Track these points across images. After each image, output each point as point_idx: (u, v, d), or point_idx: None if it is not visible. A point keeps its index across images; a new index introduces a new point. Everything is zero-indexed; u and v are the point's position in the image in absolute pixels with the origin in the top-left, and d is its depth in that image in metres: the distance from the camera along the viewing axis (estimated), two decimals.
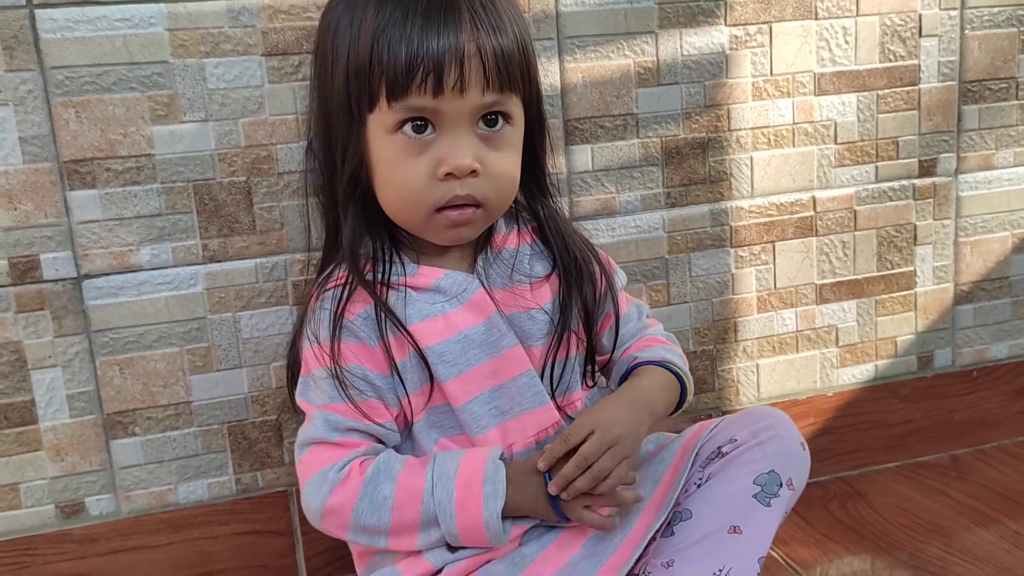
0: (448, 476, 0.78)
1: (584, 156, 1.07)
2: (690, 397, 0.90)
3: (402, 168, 0.79)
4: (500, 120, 0.80)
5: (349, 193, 0.83)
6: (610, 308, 0.90)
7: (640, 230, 1.10)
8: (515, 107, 0.81)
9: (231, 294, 0.98)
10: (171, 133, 0.94)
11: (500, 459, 0.80)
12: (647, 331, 0.95)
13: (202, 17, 0.92)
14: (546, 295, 0.87)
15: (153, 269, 0.96)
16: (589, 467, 0.78)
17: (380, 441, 0.83)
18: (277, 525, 1.04)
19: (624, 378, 0.89)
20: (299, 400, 0.84)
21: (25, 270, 0.93)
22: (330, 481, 0.80)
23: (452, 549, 0.82)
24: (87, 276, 0.94)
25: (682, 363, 0.90)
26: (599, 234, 1.08)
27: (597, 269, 0.89)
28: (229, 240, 0.97)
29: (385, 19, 0.76)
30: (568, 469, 0.77)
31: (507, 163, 0.81)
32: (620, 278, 0.94)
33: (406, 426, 0.84)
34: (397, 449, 0.84)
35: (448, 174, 0.78)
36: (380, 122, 0.78)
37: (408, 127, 0.77)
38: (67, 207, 0.93)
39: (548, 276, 0.87)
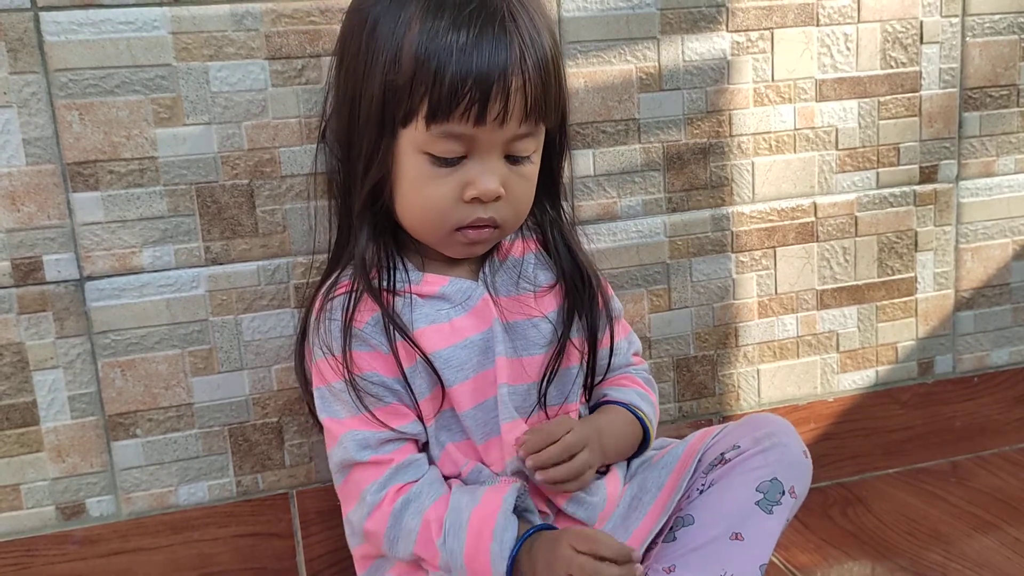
0: (460, 525, 0.77)
1: (586, 161, 1.07)
2: (651, 444, 0.90)
3: (429, 187, 0.78)
4: (524, 156, 0.80)
5: (368, 203, 0.82)
6: (606, 333, 0.89)
7: (641, 235, 1.10)
8: (542, 132, 0.81)
9: (233, 296, 0.98)
10: (174, 136, 0.94)
11: (514, 511, 0.78)
12: (629, 369, 0.94)
13: (206, 21, 0.93)
14: (550, 304, 0.87)
15: (155, 271, 0.96)
16: (570, 458, 0.79)
17: (415, 442, 0.83)
18: (277, 527, 1.04)
19: (591, 412, 0.90)
20: (323, 418, 0.84)
21: (27, 271, 0.93)
22: (367, 505, 0.80)
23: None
24: (89, 278, 0.94)
25: (651, 410, 0.90)
26: (600, 239, 1.09)
27: (596, 287, 0.89)
28: (231, 243, 0.97)
29: (433, 36, 0.74)
30: (550, 453, 0.79)
31: (529, 186, 0.83)
32: (616, 306, 0.93)
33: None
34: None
35: (474, 198, 0.78)
36: (412, 139, 0.77)
37: (436, 153, 0.77)
38: (70, 209, 0.93)
39: (553, 286, 0.88)
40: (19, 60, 0.89)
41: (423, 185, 0.78)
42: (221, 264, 0.97)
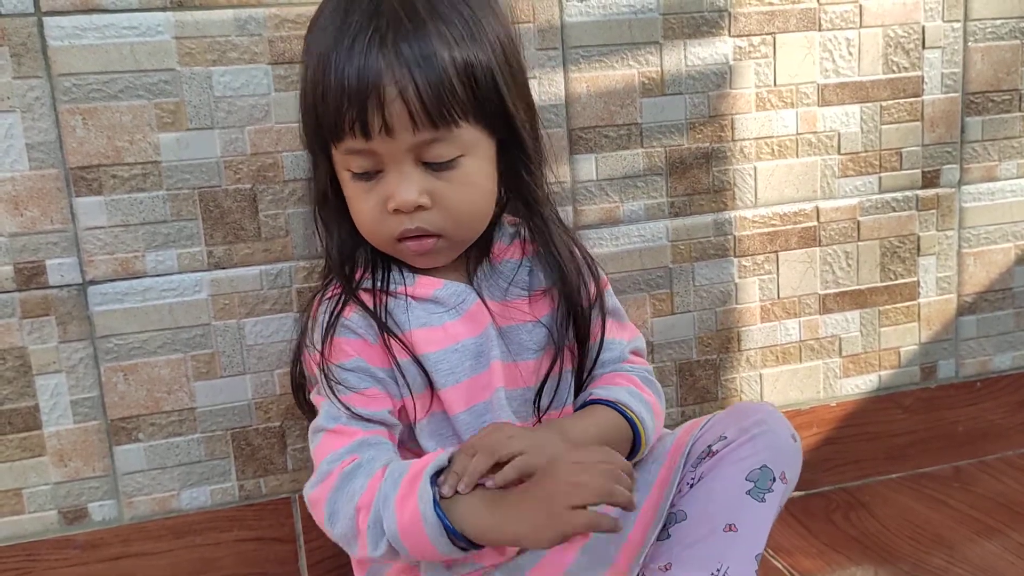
0: (399, 473, 0.74)
1: (588, 166, 1.07)
2: (644, 448, 0.84)
3: (358, 202, 0.80)
4: (446, 162, 0.77)
5: (328, 215, 0.84)
6: (595, 326, 0.87)
7: (644, 239, 1.10)
8: (467, 135, 0.77)
9: (235, 301, 0.98)
10: (177, 140, 0.94)
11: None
12: (624, 366, 0.90)
13: (209, 26, 0.93)
14: (544, 308, 0.86)
15: (158, 275, 0.96)
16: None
17: (387, 430, 0.80)
18: (280, 532, 1.03)
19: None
20: (314, 397, 0.84)
21: (30, 276, 0.93)
22: (320, 473, 0.78)
23: (448, 565, 0.81)
24: (92, 282, 0.95)
25: (642, 408, 0.85)
26: (603, 243, 1.09)
27: (592, 286, 0.87)
28: (234, 247, 0.97)
29: (322, 58, 0.75)
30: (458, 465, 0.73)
31: (462, 194, 0.78)
32: (611, 304, 0.91)
33: (409, 427, 0.83)
34: (401, 447, 0.82)
35: (396, 209, 0.77)
36: (336, 158, 0.79)
37: (353, 169, 0.78)
38: (73, 213, 0.93)
39: (547, 290, 0.86)
40: (23, 65, 0.89)
41: (355, 201, 0.80)
42: (224, 268, 0.98)
